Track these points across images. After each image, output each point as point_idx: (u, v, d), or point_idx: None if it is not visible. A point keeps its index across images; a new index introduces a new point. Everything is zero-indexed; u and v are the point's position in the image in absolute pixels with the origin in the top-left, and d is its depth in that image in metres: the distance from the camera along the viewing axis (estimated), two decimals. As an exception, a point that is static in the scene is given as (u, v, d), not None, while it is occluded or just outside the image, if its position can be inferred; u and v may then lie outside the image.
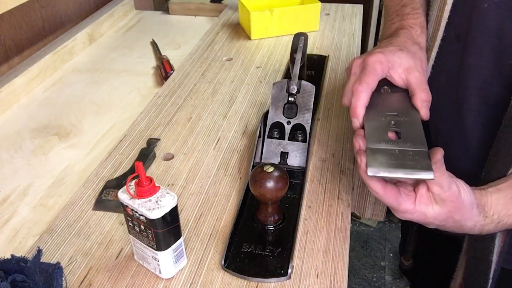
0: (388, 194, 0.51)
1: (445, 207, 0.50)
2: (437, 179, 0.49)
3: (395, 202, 0.51)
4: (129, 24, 1.40)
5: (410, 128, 0.52)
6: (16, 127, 0.92)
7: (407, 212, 0.51)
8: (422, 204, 0.51)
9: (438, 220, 0.52)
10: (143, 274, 0.58)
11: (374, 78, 0.55)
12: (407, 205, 0.51)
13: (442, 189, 0.49)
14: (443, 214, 0.51)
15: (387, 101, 0.56)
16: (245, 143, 0.80)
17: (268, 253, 0.59)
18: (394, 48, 0.58)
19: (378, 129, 0.52)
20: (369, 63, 0.55)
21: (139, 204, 0.51)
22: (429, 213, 0.51)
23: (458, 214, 0.51)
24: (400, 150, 0.50)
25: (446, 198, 0.50)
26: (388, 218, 1.97)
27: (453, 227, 0.53)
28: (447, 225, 0.53)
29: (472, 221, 0.52)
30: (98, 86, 1.06)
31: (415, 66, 0.56)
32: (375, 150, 0.50)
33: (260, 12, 1.16)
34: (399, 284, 1.72)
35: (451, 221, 0.52)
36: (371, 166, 0.48)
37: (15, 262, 0.53)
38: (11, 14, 1.03)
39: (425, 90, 0.55)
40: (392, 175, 0.48)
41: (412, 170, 0.47)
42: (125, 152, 0.79)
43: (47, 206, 0.73)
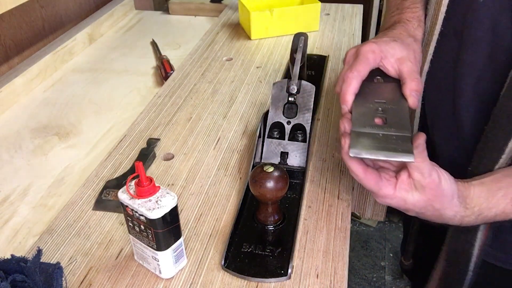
0: (368, 178, 0.51)
1: (424, 195, 0.51)
2: (418, 165, 0.49)
3: (375, 186, 0.51)
4: (129, 24, 1.40)
5: (397, 115, 0.53)
6: (16, 127, 0.92)
7: (386, 197, 0.52)
8: (402, 190, 0.51)
9: (417, 207, 0.52)
10: (143, 274, 0.58)
11: (365, 67, 0.55)
12: (387, 190, 0.51)
13: (422, 176, 0.50)
14: (422, 202, 0.51)
15: (377, 89, 0.57)
16: (245, 143, 0.80)
17: (268, 253, 0.59)
18: (388, 38, 0.59)
19: (365, 114, 0.53)
20: (361, 52, 0.56)
21: (139, 204, 0.51)
22: (409, 199, 0.51)
23: (437, 202, 0.51)
24: (384, 134, 0.50)
25: (426, 185, 0.50)
26: (388, 218, 1.97)
27: (433, 215, 0.53)
28: (427, 213, 0.53)
29: (452, 211, 0.53)
30: (98, 86, 1.06)
31: (407, 57, 0.57)
32: (360, 133, 0.51)
33: (260, 12, 1.16)
34: (399, 284, 1.72)
35: (431, 209, 0.52)
36: (353, 148, 0.49)
37: (15, 262, 0.53)
38: (11, 14, 1.03)
39: (415, 79, 0.55)
40: (374, 156, 0.48)
41: (394, 152, 0.48)
42: (125, 152, 0.79)
43: (47, 206, 0.73)
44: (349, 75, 0.55)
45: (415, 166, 0.50)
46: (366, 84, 0.56)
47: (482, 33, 0.55)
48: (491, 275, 0.67)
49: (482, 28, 0.55)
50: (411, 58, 0.58)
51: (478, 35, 0.55)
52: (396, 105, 0.54)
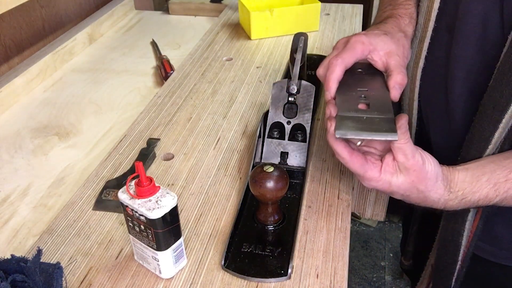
0: (354, 161, 0.52)
1: (409, 176, 0.51)
2: (401, 146, 0.50)
3: (361, 169, 0.52)
4: (129, 24, 1.40)
5: (379, 101, 0.55)
6: (16, 127, 0.92)
7: (372, 180, 0.53)
8: (388, 172, 0.52)
9: (402, 189, 0.53)
10: (143, 274, 0.58)
11: (351, 56, 0.56)
12: (373, 172, 0.52)
13: (406, 157, 0.50)
14: (406, 184, 0.52)
15: (360, 80, 0.59)
16: (245, 143, 0.80)
17: (268, 253, 0.59)
18: (379, 31, 0.60)
19: (349, 100, 0.55)
20: (351, 42, 0.57)
21: (139, 204, 0.51)
22: (394, 182, 0.52)
23: (422, 184, 0.52)
24: (367, 117, 0.52)
25: (410, 167, 0.51)
26: (388, 218, 1.97)
27: (417, 198, 0.54)
28: (412, 195, 0.54)
29: (436, 193, 0.53)
30: (98, 86, 1.06)
31: (396, 51, 0.58)
32: (344, 117, 0.52)
33: (260, 12, 1.16)
34: (399, 284, 1.72)
35: (415, 191, 0.53)
36: (338, 129, 0.50)
37: (15, 262, 0.53)
38: (11, 14, 1.03)
39: (401, 73, 0.56)
40: (358, 136, 0.50)
41: (378, 132, 0.50)
42: (125, 152, 0.79)
43: (47, 206, 0.73)
44: (333, 62, 0.56)
45: (398, 147, 0.50)
46: (349, 75, 0.58)
47: (472, 27, 0.56)
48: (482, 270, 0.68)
49: (472, 22, 0.56)
50: (400, 53, 0.59)
51: (469, 28, 0.56)
52: (379, 93, 0.56)
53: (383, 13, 0.68)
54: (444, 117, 0.64)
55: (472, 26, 0.56)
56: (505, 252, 0.65)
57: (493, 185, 0.53)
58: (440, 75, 0.63)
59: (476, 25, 0.55)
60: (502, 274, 0.67)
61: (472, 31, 0.56)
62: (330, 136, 0.53)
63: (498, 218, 0.62)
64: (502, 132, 0.53)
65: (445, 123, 0.65)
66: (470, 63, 0.58)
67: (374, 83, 0.58)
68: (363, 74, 0.59)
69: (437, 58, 0.63)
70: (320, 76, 0.59)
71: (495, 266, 0.66)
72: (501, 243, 0.64)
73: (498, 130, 0.53)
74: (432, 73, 0.65)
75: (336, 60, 0.56)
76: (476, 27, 0.55)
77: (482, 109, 0.55)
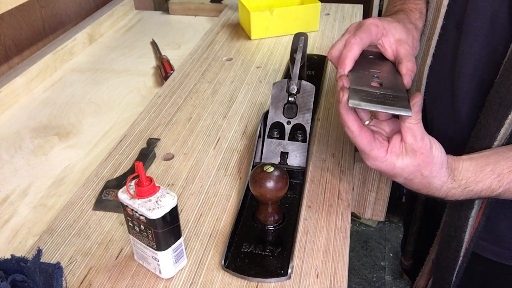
0: (362, 136, 0.51)
1: (415, 159, 0.51)
2: (412, 126, 0.50)
3: (368, 146, 0.52)
4: (129, 24, 1.40)
5: (392, 81, 0.54)
6: (16, 127, 0.92)
7: (377, 159, 0.52)
8: (394, 154, 0.51)
9: (406, 172, 0.52)
10: (143, 274, 0.58)
11: (367, 37, 0.56)
12: (379, 152, 0.52)
13: (415, 139, 0.50)
14: (412, 167, 0.51)
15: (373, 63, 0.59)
16: (245, 143, 0.80)
17: (268, 253, 0.59)
18: (391, 19, 0.60)
19: (362, 78, 0.55)
20: (365, 23, 0.57)
21: (139, 204, 0.51)
22: (399, 163, 0.51)
23: (427, 169, 0.51)
24: (381, 93, 0.52)
25: (417, 149, 0.50)
26: (388, 218, 1.97)
27: (420, 183, 0.53)
28: (415, 180, 0.53)
29: (440, 180, 0.53)
30: (98, 86, 1.06)
31: (406, 40, 0.58)
32: (358, 89, 0.52)
33: (260, 12, 1.16)
34: (399, 284, 1.72)
35: (419, 176, 0.52)
36: (352, 99, 0.50)
37: (15, 262, 0.53)
38: (11, 14, 1.03)
39: (411, 60, 0.56)
40: (372, 108, 0.49)
41: (392, 106, 0.49)
42: (125, 152, 0.79)
43: (47, 206, 0.73)
44: (352, 41, 0.55)
45: (408, 127, 0.50)
46: (361, 58, 0.57)
47: (481, 23, 0.56)
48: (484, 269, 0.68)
49: (481, 18, 0.56)
50: (409, 42, 0.59)
51: (477, 25, 0.56)
52: (391, 75, 0.56)
53: (393, 7, 0.69)
54: (449, 114, 0.64)
55: (480, 23, 0.56)
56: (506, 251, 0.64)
57: (497, 175, 0.52)
58: (447, 72, 0.63)
59: (484, 22, 0.55)
60: (503, 273, 0.67)
61: (480, 27, 0.56)
62: (342, 107, 0.51)
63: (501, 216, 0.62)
64: (508, 128, 0.53)
65: (450, 121, 0.65)
66: (477, 60, 0.57)
67: (385, 67, 0.58)
68: (374, 59, 0.59)
69: (444, 55, 0.63)
70: (332, 58, 0.58)
71: (497, 265, 0.66)
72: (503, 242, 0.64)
73: (504, 126, 0.53)
74: (439, 70, 0.65)
75: (355, 39, 0.55)
76: (484, 23, 0.55)
77: (488, 105, 0.54)
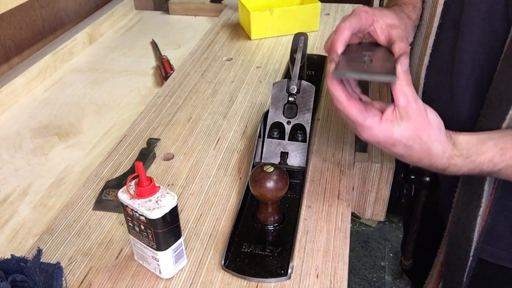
0: (352, 106, 0.51)
1: (411, 122, 0.50)
2: (403, 88, 0.49)
3: (360, 116, 0.51)
4: (129, 24, 1.40)
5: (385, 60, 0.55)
6: (16, 127, 0.92)
7: (373, 128, 0.51)
8: (389, 120, 0.50)
9: (404, 137, 0.50)
10: (143, 274, 0.58)
11: (357, 21, 0.57)
12: (373, 120, 0.50)
13: (407, 101, 0.49)
14: (409, 130, 0.50)
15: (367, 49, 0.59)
16: (245, 143, 0.80)
17: (268, 253, 0.59)
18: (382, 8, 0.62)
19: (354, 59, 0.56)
20: (355, 11, 0.58)
21: (139, 204, 0.51)
22: (395, 130, 0.50)
23: (425, 132, 0.50)
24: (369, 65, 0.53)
25: (411, 112, 0.49)
26: (388, 218, 1.97)
27: (421, 150, 0.52)
28: (415, 146, 0.51)
29: (440, 145, 0.51)
30: (98, 86, 1.06)
31: (399, 25, 0.59)
32: (346, 60, 0.53)
33: (260, 12, 1.16)
34: (399, 284, 1.72)
35: (418, 140, 0.51)
36: (338, 69, 0.50)
37: (15, 262, 0.53)
38: (11, 14, 1.03)
39: (404, 41, 0.56)
40: (357, 76, 0.50)
41: (377, 74, 0.50)
42: (125, 152, 0.79)
43: (47, 206, 0.73)
44: (341, 25, 0.56)
45: (400, 90, 0.49)
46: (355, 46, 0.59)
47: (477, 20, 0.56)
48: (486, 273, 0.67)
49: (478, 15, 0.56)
50: (402, 27, 0.59)
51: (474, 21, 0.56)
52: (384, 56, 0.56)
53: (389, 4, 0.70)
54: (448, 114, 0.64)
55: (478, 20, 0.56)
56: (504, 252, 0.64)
57: (500, 149, 0.51)
58: (445, 71, 0.62)
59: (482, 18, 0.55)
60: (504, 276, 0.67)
61: (477, 24, 0.56)
62: (329, 79, 0.52)
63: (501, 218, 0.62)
64: (509, 123, 0.52)
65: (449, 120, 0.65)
66: (475, 57, 0.57)
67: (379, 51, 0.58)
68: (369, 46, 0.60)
69: (442, 54, 0.63)
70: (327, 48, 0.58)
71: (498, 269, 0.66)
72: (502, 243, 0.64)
73: (505, 121, 0.52)
74: (437, 70, 0.65)
75: (344, 24, 0.56)
76: (481, 19, 0.55)
77: (488, 102, 0.54)
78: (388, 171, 0.72)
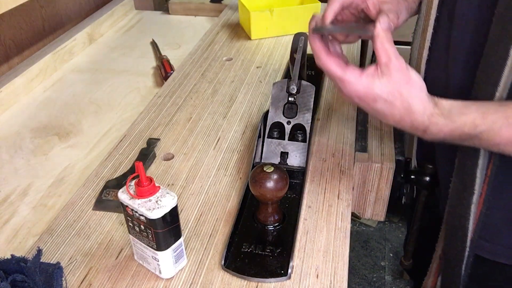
0: (331, 60, 0.52)
1: (391, 77, 0.50)
2: (384, 46, 0.50)
3: (339, 70, 0.51)
4: (129, 24, 1.40)
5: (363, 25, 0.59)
6: (16, 127, 0.92)
7: (352, 83, 0.51)
8: (369, 75, 0.51)
9: (385, 92, 0.51)
10: (143, 274, 0.58)
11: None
12: (353, 73, 0.51)
13: (388, 58, 0.50)
14: (390, 86, 0.50)
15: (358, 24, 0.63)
16: (245, 143, 0.80)
17: (268, 253, 0.59)
18: None
19: None
20: None
21: (139, 204, 0.51)
22: (376, 85, 0.51)
23: (405, 88, 0.51)
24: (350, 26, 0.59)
25: (392, 68, 0.50)
26: (388, 218, 1.97)
27: (401, 107, 0.51)
28: (395, 102, 0.51)
29: (421, 101, 0.51)
30: (98, 86, 1.06)
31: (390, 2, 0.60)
32: None
33: (260, 12, 1.16)
34: (399, 284, 1.72)
35: (399, 97, 0.51)
36: (317, 26, 0.54)
37: (15, 262, 0.53)
38: (11, 14, 1.03)
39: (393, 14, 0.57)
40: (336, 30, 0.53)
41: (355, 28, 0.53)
42: (125, 152, 0.79)
43: (47, 206, 0.73)
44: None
45: (380, 48, 0.50)
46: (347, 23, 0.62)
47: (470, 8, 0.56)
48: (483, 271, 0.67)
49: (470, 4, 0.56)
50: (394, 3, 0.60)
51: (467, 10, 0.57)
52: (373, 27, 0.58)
53: None
54: None
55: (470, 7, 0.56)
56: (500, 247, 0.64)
57: (482, 112, 0.50)
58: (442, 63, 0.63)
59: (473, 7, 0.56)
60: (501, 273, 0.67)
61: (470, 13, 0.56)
62: (310, 36, 0.53)
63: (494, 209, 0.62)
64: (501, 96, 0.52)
65: None
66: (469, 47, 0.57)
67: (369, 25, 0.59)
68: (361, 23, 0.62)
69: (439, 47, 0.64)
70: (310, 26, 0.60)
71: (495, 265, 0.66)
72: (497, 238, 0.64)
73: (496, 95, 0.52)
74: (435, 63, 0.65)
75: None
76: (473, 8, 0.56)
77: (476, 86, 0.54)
78: (388, 171, 0.72)
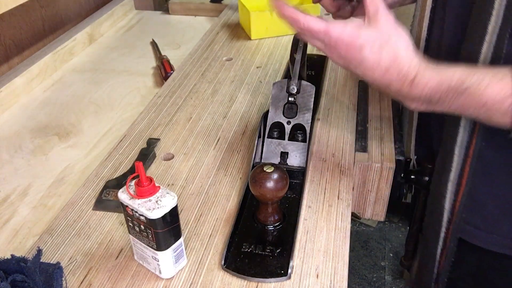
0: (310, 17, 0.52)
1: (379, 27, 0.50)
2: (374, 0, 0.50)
3: (322, 23, 0.51)
4: (129, 24, 1.40)
5: None
6: (16, 127, 0.92)
7: (337, 31, 0.50)
8: (355, 24, 0.50)
9: (371, 38, 0.50)
10: (143, 274, 0.58)
11: None
12: (337, 24, 0.50)
13: (376, 9, 0.49)
14: (377, 34, 0.50)
15: None
16: (245, 143, 0.80)
17: (268, 253, 0.59)
18: None
19: None
20: None
21: (139, 204, 0.51)
22: (363, 33, 0.50)
23: (392, 38, 0.50)
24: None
25: (380, 17, 0.49)
26: (388, 218, 1.97)
27: (388, 57, 0.50)
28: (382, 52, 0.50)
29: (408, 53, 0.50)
30: (98, 86, 1.06)
31: None
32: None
33: (260, 12, 1.16)
34: (399, 284, 1.72)
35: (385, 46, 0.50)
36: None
37: (15, 262, 0.53)
38: (11, 14, 1.03)
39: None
40: None
41: None
42: (125, 152, 0.79)
43: (47, 206, 0.73)
44: None
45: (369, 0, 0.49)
46: None
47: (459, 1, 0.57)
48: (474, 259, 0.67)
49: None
50: None
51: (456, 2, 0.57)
52: None
53: None
54: None
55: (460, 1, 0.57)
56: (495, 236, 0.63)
57: (470, 70, 0.49)
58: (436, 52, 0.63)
59: None
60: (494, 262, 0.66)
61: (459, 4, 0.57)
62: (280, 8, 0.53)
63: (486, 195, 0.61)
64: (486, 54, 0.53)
65: None
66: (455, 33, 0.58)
67: None
68: None
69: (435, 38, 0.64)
70: None
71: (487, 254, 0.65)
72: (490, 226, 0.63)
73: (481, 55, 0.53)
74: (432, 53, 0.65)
75: None
76: None
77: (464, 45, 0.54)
78: (388, 171, 0.72)
